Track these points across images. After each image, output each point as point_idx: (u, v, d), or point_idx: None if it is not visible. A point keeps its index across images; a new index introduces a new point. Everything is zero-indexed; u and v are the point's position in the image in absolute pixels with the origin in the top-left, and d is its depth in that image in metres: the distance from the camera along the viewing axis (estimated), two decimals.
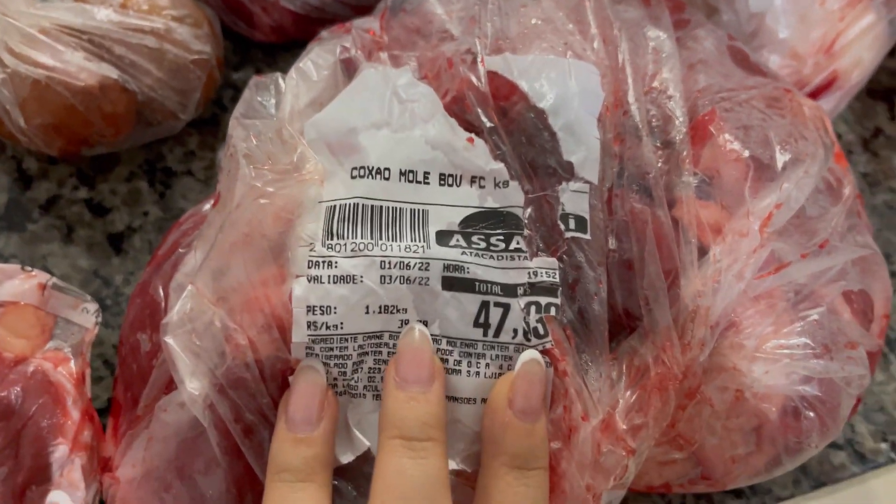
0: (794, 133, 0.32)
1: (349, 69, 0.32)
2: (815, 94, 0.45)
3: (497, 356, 0.27)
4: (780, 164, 0.31)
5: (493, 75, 0.30)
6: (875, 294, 0.36)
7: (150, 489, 0.29)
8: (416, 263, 0.27)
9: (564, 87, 0.30)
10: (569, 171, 0.29)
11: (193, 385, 0.27)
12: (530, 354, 0.27)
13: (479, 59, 0.30)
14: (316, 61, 0.32)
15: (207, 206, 0.35)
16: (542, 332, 0.27)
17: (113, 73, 0.38)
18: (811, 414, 0.31)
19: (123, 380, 0.32)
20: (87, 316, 0.35)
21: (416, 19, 0.36)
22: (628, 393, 0.27)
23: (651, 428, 0.27)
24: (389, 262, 0.27)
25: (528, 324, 0.27)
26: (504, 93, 0.30)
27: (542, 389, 0.26)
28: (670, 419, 0.29)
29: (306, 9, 0.46)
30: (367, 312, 0.27)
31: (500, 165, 0.29)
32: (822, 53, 0.44)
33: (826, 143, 0.34)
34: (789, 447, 0.32)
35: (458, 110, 0.30)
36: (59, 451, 0.32)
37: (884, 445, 0.40)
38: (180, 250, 0.31)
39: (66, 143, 0.39)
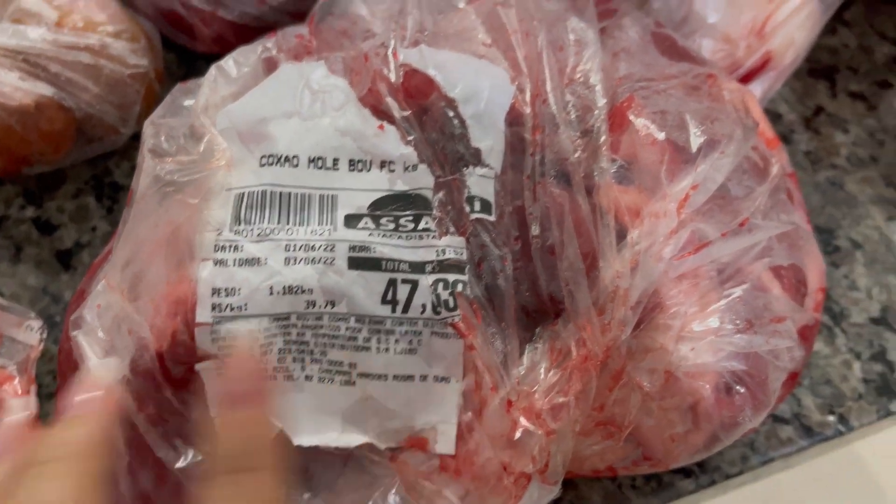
0: (711, 115, 0.32)
1: (270, 69, 0.32)
2: (749, 76, 0.46)
3: (407, 332, 0.28)
4: (695, 147, 0.31)
5: (409, 69, 0.31)
6: (808, 268, 0.36)
7: None
8: (321, 245, 0.28)
9: (476, 79, 0.31)
10: (476, 157, 0.30)
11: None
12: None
13: (390, 52, 0.31)
14: (237, 59, 0.33)
15: None
16: (451, 305, 0.27)
17: (48, 91, 0.38)
18: (742, 389, 0.31)
19: (61, 387, 0.32)
20: (31, 334, 0.35)
21: (343, 22, 0.37)
22: (550, 374, 0.28)
23: (572, 408, 0.28)
24: (294, 245, 0.27)
25: (437, 297, 0.27)
26: (418, 84, 0.31)
27: (248, 368, 0.25)
28: (599, 402, 0.29)
29: (245, 18, 0.46)
30: (272, 294, 0.27)
31: (410, 150, 0.30)
32: (753, 35, 0.45)
33: (747, 124, 0.34)
34: (725, 423, 0.32)
35: (374, 101, 0.31)
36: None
37: (831, 418, 0.41)
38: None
39: (6, 163, 0.39)
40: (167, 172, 0.28)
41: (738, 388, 0.31)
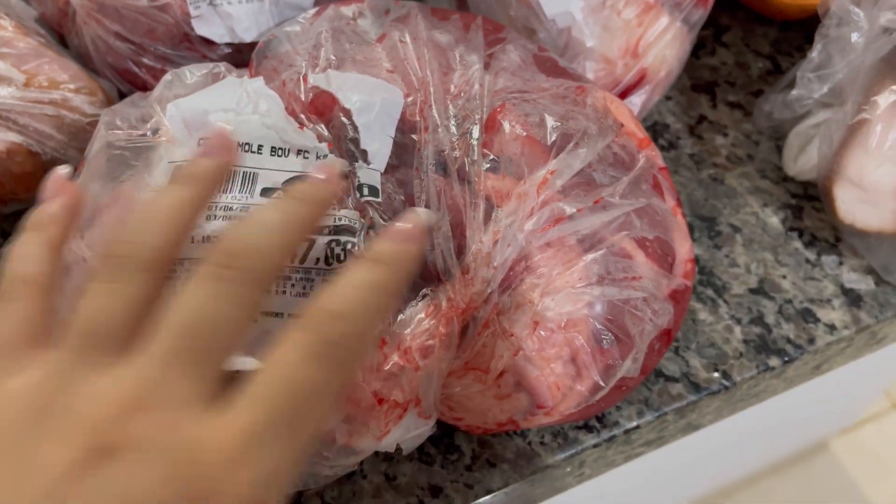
0: (567, 116, 0.39)
1: (216, 82, 0.39)
2: (628, 90, 0.53)
3: (301, 279, 0.34)
4: (550, 140, 0.38)
5: (316, 90, 0.38)
6: (675, 242, 0.43)
7: None
8: (237, 207, 0.34)
9: (371, 95, 0.37)
10: (364, 156, 0.36)
11: None
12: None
13: (301, 77, 0.38)
14: (191, 70, 0.40)
15: None
16: (342, 258, 0.34)
17: (18, 139, 0.45)
18: (609, 335, 0.37)
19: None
20: None
21: (273, 62, 0.44)
22: (423, 323, 0.34)
23: (438, 349, 0.34)
24: (217, 206, 0.34)
25: (330, 251, 0.34)
26: (324, 101, 0.38)
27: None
28: (469, 346, 0.35)
29: None
30: (192, 242, 0.33)
31: (324, 144, 0.37)
32: (628, 56, 0.52)
33: (604, 123, 0.41)
34: (601, 369, 0.38)
35: (293, 115, 0.37)
36: None
37: (716, 374, 0.46)
38: None
39: None
40: (118, 139, 0.36)
41: (604, 332, 0.37)
